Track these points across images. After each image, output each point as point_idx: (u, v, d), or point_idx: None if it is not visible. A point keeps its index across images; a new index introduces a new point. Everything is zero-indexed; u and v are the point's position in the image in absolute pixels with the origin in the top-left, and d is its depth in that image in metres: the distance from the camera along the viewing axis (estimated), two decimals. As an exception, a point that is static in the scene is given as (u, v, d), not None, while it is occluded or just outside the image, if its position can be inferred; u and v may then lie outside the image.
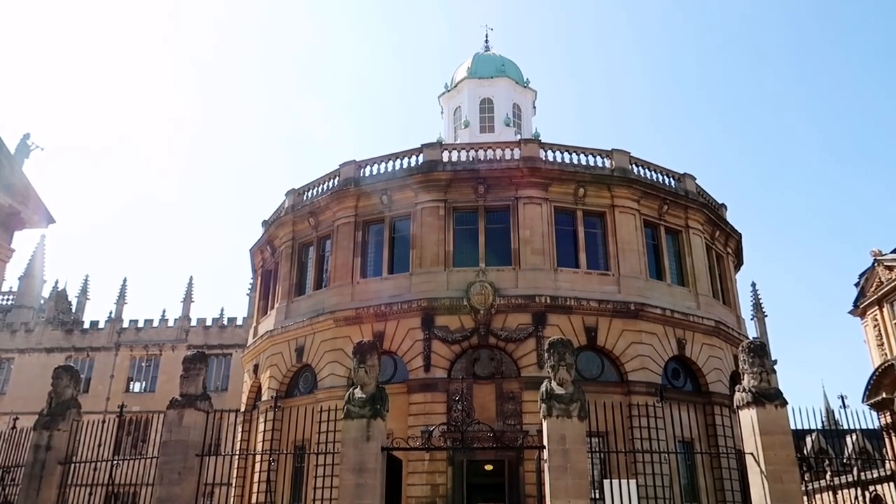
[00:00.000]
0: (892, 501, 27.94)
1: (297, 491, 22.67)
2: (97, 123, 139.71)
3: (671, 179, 28.69)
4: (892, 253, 30.17)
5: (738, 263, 33.25)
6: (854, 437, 30.21)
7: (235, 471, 26.67)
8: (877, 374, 28.07)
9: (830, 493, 29.04)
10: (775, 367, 21.15)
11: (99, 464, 16.42)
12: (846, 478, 23.48)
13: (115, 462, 15.97)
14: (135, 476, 15.27)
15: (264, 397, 27.30)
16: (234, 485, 26.51)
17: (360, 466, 13.31)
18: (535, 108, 43.96)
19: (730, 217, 31.96)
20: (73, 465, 16.03)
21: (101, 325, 48.16)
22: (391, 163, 27.68)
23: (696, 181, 29.45)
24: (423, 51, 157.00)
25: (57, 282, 60.00)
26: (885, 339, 29.55)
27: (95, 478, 16.74)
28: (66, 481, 15.89)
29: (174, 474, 14.22)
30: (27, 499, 15.33)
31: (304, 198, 29.86)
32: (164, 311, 48.58)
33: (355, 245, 26.77)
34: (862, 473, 22.62)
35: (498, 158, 26.84)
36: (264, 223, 32.75)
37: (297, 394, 26.46)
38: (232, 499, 26.34)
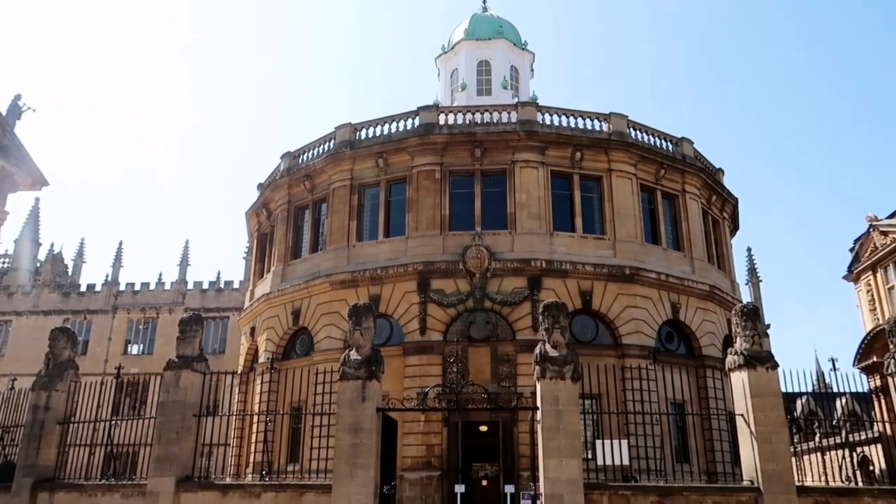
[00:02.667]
0: (879, 462, 28.53)
1: (295, 451, 22.99)
2: (90, 85, 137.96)
3: (669, 143, 28.56)
4: (887, 218, 30.17)
5: (734, 228, 33.32)
6: (844, 399, 30.69)
7: (233, 431, 27.00)
8: (868, 338, 28.29)
9: (819, 454, 29.56)
10: (768, 331, 21.36)
11: (98, 424, 16.62)
12: (835, 439, 23.88)
13: (113, 422, 16.15)
14: (134, 436, 15.47)
15: (261, 359, 27.52)
16: (232, 445, 26.87)
17: (355, 427, 13.49)
18: (532, 70, 43.46)
19: (727, 182, 31.91)
20: (72, 425, 16.21)
21: (98, 288, 48.20)
22: (387, 126, 27.46)
23: (694, 145, 29.33)
24: (420, 12, 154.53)
25: (52, 245, 59.82)
26: (877, 304, 29.71)
27: (95, 438, 16.95)
28: (65, 441, 16.09)
29: (172, 434, 14.40)
30: (27, 458, 15.53)
31: (300, 161, 29.68)
32: (160, 275, 48.62)
33: (351, 208, 26.72)
34: (850, 435, 23.01)
35: (495, 122, 26.64)
36: (260, 186, 32.59)
37: (294, 356, 26.67)
38: (230, 458, 26.72)
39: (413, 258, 24.56)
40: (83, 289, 48.93)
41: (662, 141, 28.37)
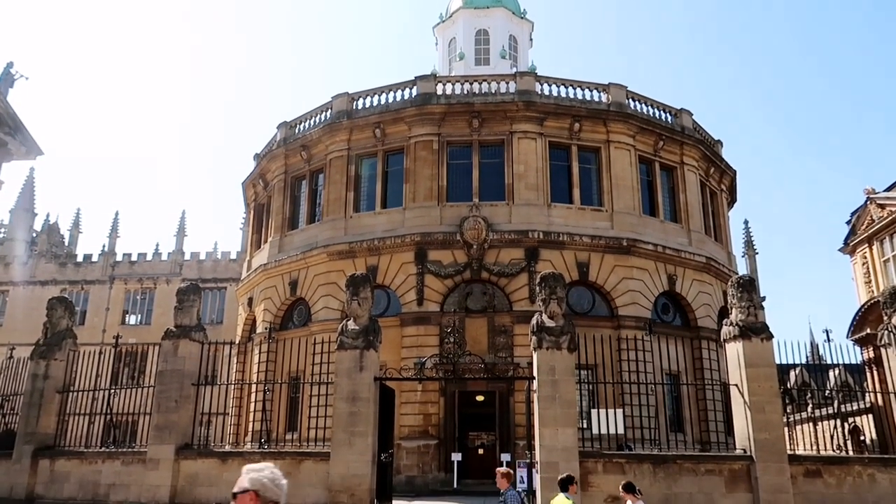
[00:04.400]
0: (870, 432, 28.92)
1: (293, 420, 23.18)
2: (84, 54, 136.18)
3: (668, 115, 28.39)
4: (885, 191, 30.17)
5: (732, 200, 33.30)
6: (837, 371, 30.98)
7: (232, 401, 27.21)
8: (863, 310, 28.49)
9: (811, 424, 29.92)
10: (763, 303, 21.45)
11: (98, 394, 16.74)
12: (827, 410, 24.17)
13: (113, 391, 16.26)
14: (133, 406, 15.59)
15: (259, 330, 27.62)
16: (230, 414, 27.09)
17: (353, 396, 13.60)
18: (531, 40, 42.98)
19: (725, 154, 31.82)
20: (71, 393, 16.32)
21: (95, 258, 48.08)
22: (384, 95, 27.22)
23: (693, 117, 29.16)
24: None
25: (48, 215, 59.44)
26: (872, 277, 29.86)
27: (95, 407, 17.07)
28: (64, 409, 16.22)
29: (171, 402, 14.51)
30: (27, 426, 15.67)
31: (297, 131, 29.47)
32: (157, 245, 48.65)
33: (348, 179, 26.60)
34: (842, 406, 23.29)
35: (493, 92, 26.41)
36: (256, 156, 32.38)
37: (292, 326, 26.76)
38: (229, 427, 26.98)
39: (410, 229, 24.53)
40: (80, 259, 48.81)
41: (661, 112, 28.21)
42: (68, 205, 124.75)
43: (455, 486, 21.21)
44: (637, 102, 27.35)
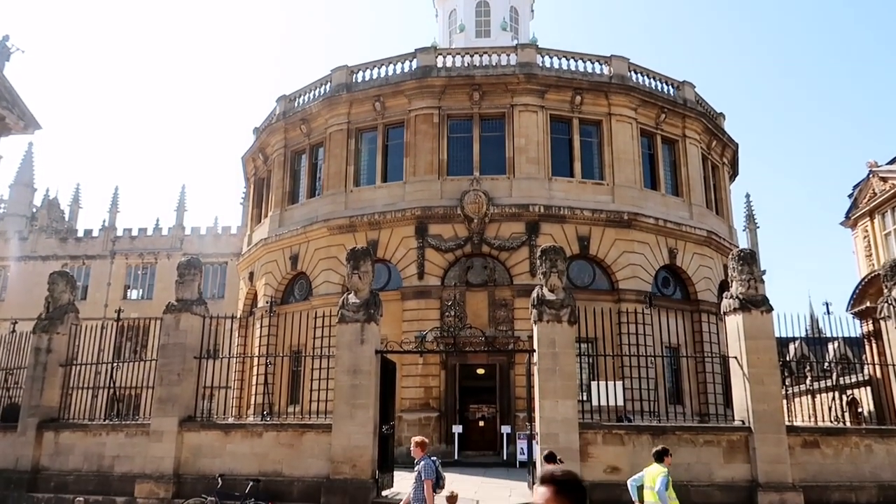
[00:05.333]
0: (868, 404, 29.14)
1: (295, 393, 23.37)
2: (82, 28, 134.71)
3: (670, 87, 28.16)
4: (888, 164, 30.00)
5: (734, 174, 33.16)
6: (836, 344, 31.11)
7: (234, 374, 27.38)
8: (863, 283, 28.50)
9: (809, 396, 30.13)
10: (764, 277, 21.43)
11: (101, 368, 16.82)
12: (825, 383, 24.32)
13: (115, 365, 16.34)
14: (136, 379, 15.67)
15: (260, 304, 27.70)
16: (233, 388, 27.28)
17: (354, 368, 13.67)
18: (532, 11, 42.46)
19: (727, 127, 31.61)
20: (74, 367, 16.41)
21: (96, 233, 48.01)
22: (384, 68, 26.97)
23: (696, 89, 28.92)
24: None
25: (48, 190, 59.37)
26: (873, 250, 29.81)
27: (98, 381, 17.18)
28: (68, 383, 16.31)
29: (173, 375, 14.59)
30: (31, 399, 15.78)
31: (296, 104, 29.27)
32: (157, 220, 48.42)
33: (348, 153, 26.48)
34: (840, 378, 23.42)
35: (494, 64, 26.16)
36: (255, 130, 32.22)
37: (293, 300, 26.83)
38: (231, 401, 27.18)
39: (411, 203, 24.47)
40: (80, 234, 48.75)
41: (663, 84, 27.97)
42: (68, 180, 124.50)
43: (456, 457, 21.44)
44: (639, 75, 27.10)
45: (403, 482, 15.43)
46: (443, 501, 10.41)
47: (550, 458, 10.14)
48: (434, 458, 10.34)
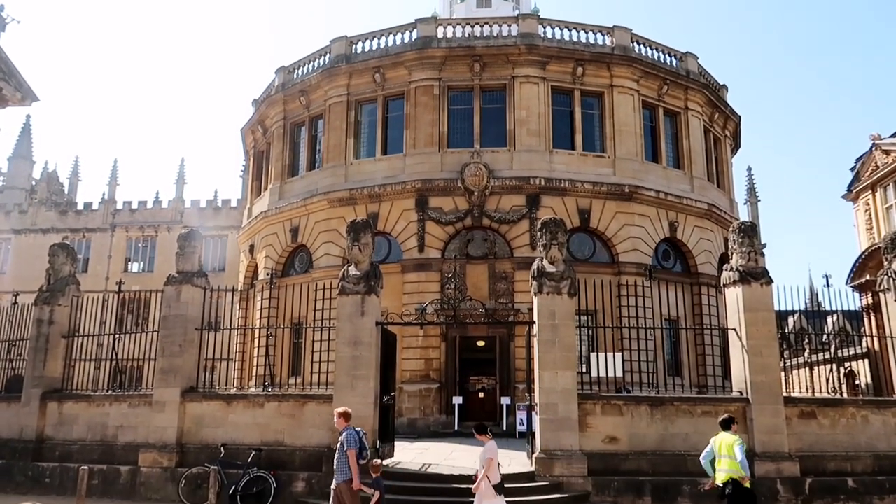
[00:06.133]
0: (865, 377, 29.36)
1: (296, 365, 23.54)
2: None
3: (673, 59, 27.90)
4: (891, 137, 29.82)
5: (736, 146, 33.00)
6: (834, 317, 31.26)
7: (235, 347, 27.55)
8: (863, 257, 28.54)
9: (807, 369, 30.36)
10: (764, 250, 21.41)
11: (103, 340, 16.92)
12: (823, 355, 24.45)
13: (117, 337, 16.42)
14: (138, 352, 15.76)
15: (261, 276, 27.77)
16: (234, 360, 27.47)
17: (355, 340, 13.74)
18: (535, -19, 41.88)
19: (730, 99, 31.36)
20: (76, 339, 16.49)
21: (96, 206, 47.95)
22: (384, 39, 26.69)
23: (699, 61, 28.64)
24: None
25: (47, 163, 59.22)
26: (874, 224, 29.77)
27: (101, 353, 17.29)
28: (70, 355, 16.42)
29: (175, 347, 14.67)
30: (34, 370, 15.89)
31: (295, 76, 29.02)
32: (157, 193, 48.50)
33: (348, 125, 26.32)
34: (839, 351, 23.58)
35: (495, 35, 25.87)
36: (255, 102, 31.99)
37: (293, 273, 26.89)
38: (233, 372, 27.37)
39: (411, 176, 24.39)
40: (80, 207, 48.70)
41: (666, 56, 27.70)
42: (66, 153, 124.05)
43: (456, 428, 21.66)
44: (642, 46, 26.82)
45: (405, 452, 15.62)
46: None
47: (481, 428, 10.35)
48: (358, 428, 10.37)
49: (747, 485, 9.66)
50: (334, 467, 10.11)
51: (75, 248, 29.31)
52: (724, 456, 9.88)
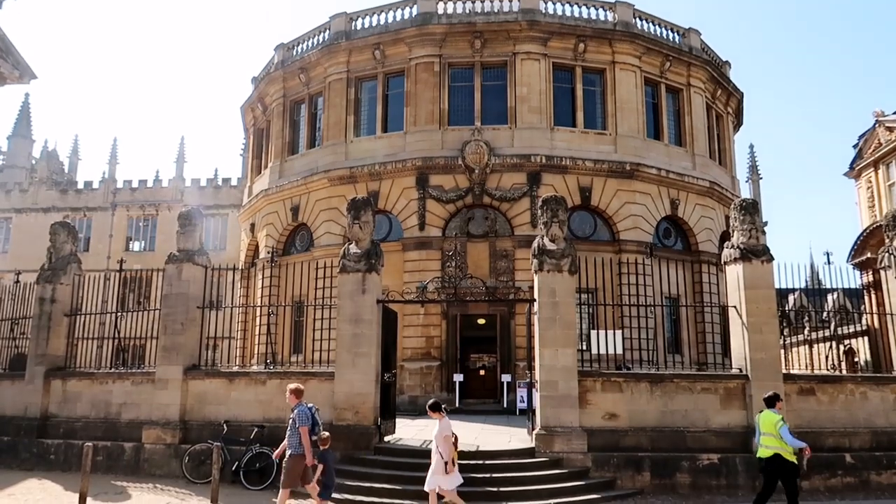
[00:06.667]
0: (865, 354, 29.48)
1: (298, 343, 23.64)
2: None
3: (675, 35, 27.64)
4: (894, 114, 29.65)
5: (738, 124, 32.82)
6: (835, 295, 31.36)
7: (238, 325, 27.67)
8: (864, 234, 28.53)
9: (807, 346, 30.46)
10: (765, 229, 21.36)
11: (106, 319, 17.00)
12: (823, 333, 24.52)
13: (119, 315, 16.49)
14: (141, 330, 15.85)
15: (262, 255, 27.78)
16: (236, 338, 27.60)
17: (356, 317, 13.79)
18: (536, -45, 41.29)
19: (732, 75, 31.12)
20: (79, 317, 16.57)
21: (96, 185, 47.90)
22: (384, 15, 26.43)
23: (701, 37, 28.38)
24: None
25: (46, 142, 59.32)
26: (876, 201, 29.71)
27: (103, 332, 17.38)
28: (73, 333, 16.50)
29: (177, 325, 14.74)
30: (38, 348, 15.98)
31: (294, 53, 28.81)
32: (157, 172, 48.39)
33: (348, 102, 26.17)
34: (838, 329, 23.63)
35: (496, 11, 25.58)
36: (254, 80, 31.79)
37: (294, 251, 26.92)
38: (235, 351, 27.53)
39: (411, 154, 24.29)
40: (81, 186, 48.64)
41: (669, 32, 27.44)
42: (66, 131, 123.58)
43: (457, 405, 21.80)
44: (644, 21, 26.56)
45: (405, 429, 15.75)
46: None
47: (435, 406, 10.52)
48: (311, 405, 10.47)
49: (792, 459, 10.10)
50: (286, 443, 10.21)
51: (76, 227, 29.39)
52: (766, 433, 10.29)
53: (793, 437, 10.21)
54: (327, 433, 10.48)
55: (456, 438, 10.52)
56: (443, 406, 10.75)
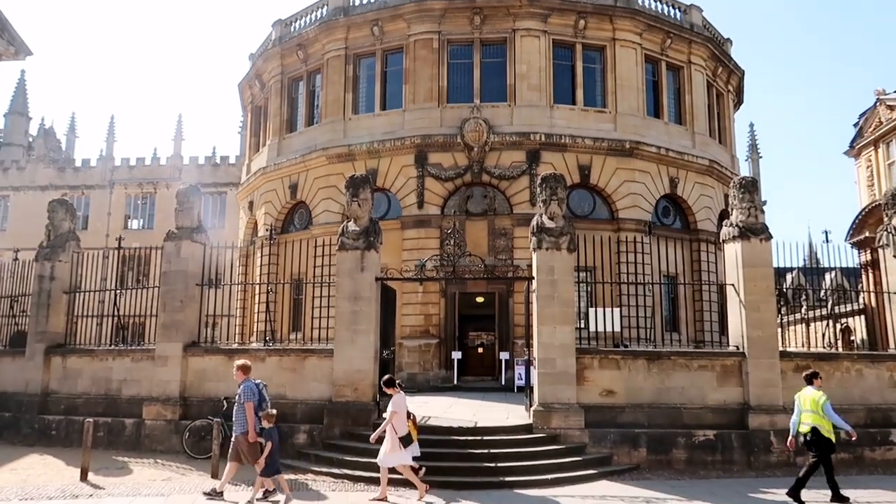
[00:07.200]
0: (861, 332, 29.64)
1: (297, 321, 23.71)
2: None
3: (676, 11, 27.40)
4: (895, 92, 29.51)
5: (738, 102, 32.65)
6: (833, 273, 31.48)
7: (237, 302, 27.72)
8: (863, 213, 28.53)
9: (804, 325, 30.60)
10: (764, 207, 21.37)
11: (105, 297, 17.01)
12: (820, 311, 24.63)
13: (119, 292, 16.51)
14: (140, 308, 15.88)
15: (260, 233, 27.77)
16: (236, 316, 27.66)
17: (355, 295, 13.83)
18: (537, -70, 40.75)
19: (733, 53, 30.90)
20: (78, 295, 16.59)
21: (94, 163, 47.65)
22: (382, -10, 26.12)
23: (703, 14, 28.13)
24: None
25: (43, 119, 58.85)
26: (875, 180, 29.66)
27: (102, 310, 17.41)
28: (72, 310, 16.54)
29: (176, 302, 14.77)
30: (37, 325, 16.02)
31: (292, 29, 28.54)
32: (155, 150, 48.04)
33: (346, 80, 25.98)
34: (835, 307, 23.75)
35: (495, -14, 25.27)
36: (251, 57, 31.53)
37: (293, 230, 26.88)
38: (234, 328, 27.61)
39: (410, 131, 24.17)
40: (78, 164, 48.39)
41: (670, 8, 27.19)
42: (63, 109, 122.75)
43: (455, 382, 21.96)
44: (645, -3, 26.30)
45: (404, 405, 15.85)
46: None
47: (389, 382, 10.67)
48: (258, 381, 10.49)
49: (830, 435, 10.31)
50: (233, 419, 10.25)
51: (74, 205, 29.37)
52: (808, 410, 10.48)
53: (838, 417, 10.39)
54: (274, 411, 10.35)
55: (413, 416, 10.59)
56: (398, 382, 10.80)
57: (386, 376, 11.18)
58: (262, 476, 10.01)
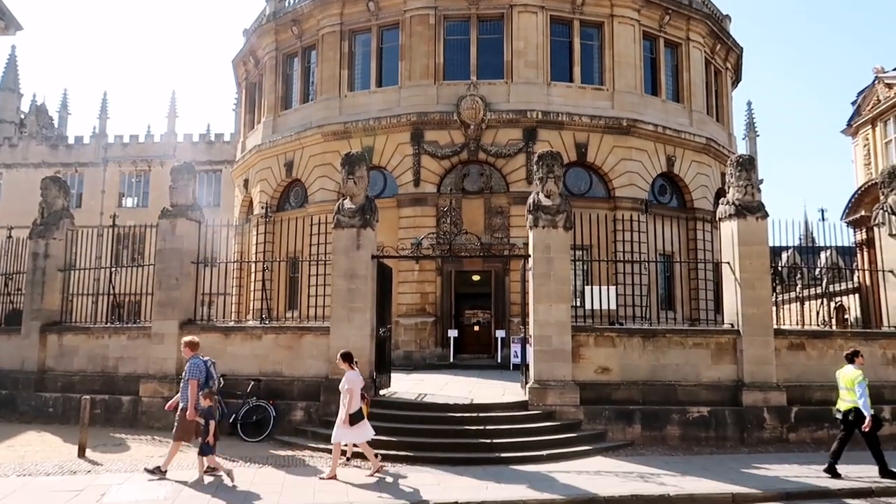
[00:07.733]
0: (855, 311, 29.79)
1: (293, 299, 23.67)
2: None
3: (676, -13, 27.10)
4: (894, 70, 29.35)
5: (736, 80, 32.49)
6: (827, 252, 31.55)
7: (233, 280, 27.67)
8: (859, 192, 28.51)
9: (798, 303, 30.73)
10: (761, 185, 21.39)
11: (100, 274, 16.96)
12: (814, 290, 24.72)
13: (114, 270, 16.46)
14: (136, 286, 15.84)
15: (256, 211, 27.67)
16: (231, 294, 27.62)
17: (351, 273, 13.80)
18: None
19: (732, 30, 30.66)
20: (74, 272, 16.54)
21: (87, 140, 47.29)
22: (378, -36, 25.76)
23: (702, -11, 27.88)
24: None
25: (35, 96, 58.25)
26: (872, 159, 29.61)
27: (98, 288, 17.36)
28: (67, 288, 16.49)
29: (172, 280, 14.73)
30: (33, 303, 16.00)
31: (287, 4, 28.19)
32: (149, 127, 47.60)
33: (342, 56, 25.73)
34: (830, 286, 23.83)
35: (493, -39, 24.97)
36: (245, 32, 31.17)
37: (289, 207, 26.79)
38: (230, 307, 27.57)
39: (406, 109, 24.01)
40: (71, 141, 48.02)
41: (669, -17, 26.89)
42: (55, 86, 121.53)
43: (451, 360, 22.05)
44: (644, -27, 25.99)
45: (400, 383, 15.93)
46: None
47: (346, 356, 10.69)
48: (207, 358, 10.39)
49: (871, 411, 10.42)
50: (179, 396, 10.26)
51: (68, 183, 29.19)
52: (845, 388, 10.69)
53: (865, 400, 10.42)
54: (215, 389, 10.24)
55: (365, 397, 10.62)
56: (354, 360, 10.76)
57: (342, 350, 11.14)
58: (199, 455, 9.97)
